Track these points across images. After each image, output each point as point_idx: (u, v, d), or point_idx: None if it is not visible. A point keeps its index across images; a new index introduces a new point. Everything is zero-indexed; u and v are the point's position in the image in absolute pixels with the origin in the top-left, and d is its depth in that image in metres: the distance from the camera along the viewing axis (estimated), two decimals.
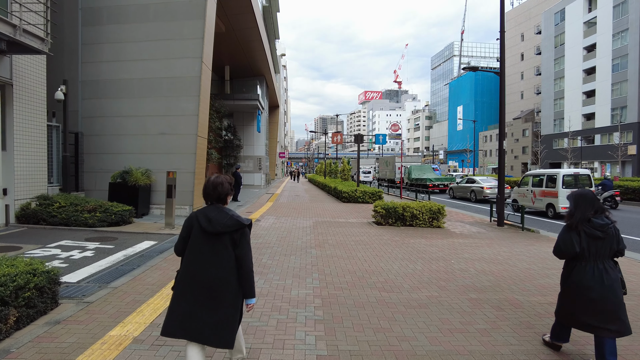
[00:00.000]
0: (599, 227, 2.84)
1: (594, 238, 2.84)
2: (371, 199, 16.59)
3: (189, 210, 10.66)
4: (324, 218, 11.33)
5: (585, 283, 2.84)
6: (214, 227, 2.34)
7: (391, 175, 32.45)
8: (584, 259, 2.88)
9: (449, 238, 8.52)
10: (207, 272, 2.34)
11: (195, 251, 2.38)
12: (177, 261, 5.10)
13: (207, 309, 2.31)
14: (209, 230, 2.35)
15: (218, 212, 2.40)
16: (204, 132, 11.07)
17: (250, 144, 31.52)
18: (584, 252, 2.86)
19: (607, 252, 2.87)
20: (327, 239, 7.91)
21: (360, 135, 17.76)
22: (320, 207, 14.72)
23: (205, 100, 11.05)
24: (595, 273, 2.84)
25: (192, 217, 2.45)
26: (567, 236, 2.92)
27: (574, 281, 2.92)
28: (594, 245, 2.85)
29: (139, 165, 10.54)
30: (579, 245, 2.86)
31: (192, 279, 2.36)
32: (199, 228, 2.38)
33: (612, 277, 2.84)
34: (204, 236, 2.37)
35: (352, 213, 12.74)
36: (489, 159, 65.57)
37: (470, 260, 6.43)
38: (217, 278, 2.34)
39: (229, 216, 2.39)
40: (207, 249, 2.36)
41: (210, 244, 2.36)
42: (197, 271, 2.36)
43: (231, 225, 2.36)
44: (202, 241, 2.37)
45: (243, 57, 25.69)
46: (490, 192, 18.00)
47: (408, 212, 9.99)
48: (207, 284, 2.33)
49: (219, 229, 2.34)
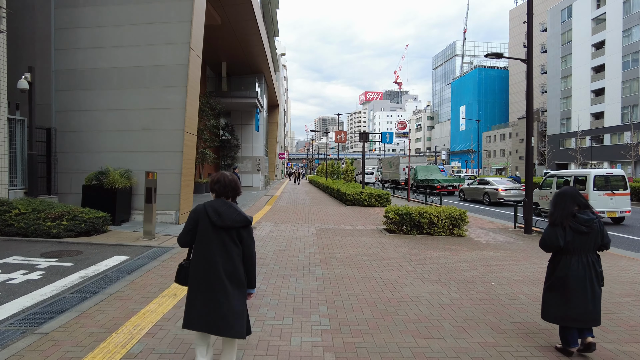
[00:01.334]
0: (584, 222, 2.95)
1: (579, 233, 2.96)
2: (377, 202, 15.33)
3: (174, 217, 9.40)
4: (328, 224, 10.06)
5: (571, 276, 2.97)
6: (224, 221, 2.40)
7: (395, 177, 31.20)
8: (569, 253, 3.01)
9: (476, 250, 7.26)
10: (217, 265, 2.40)
11: (205, 244, 2.43)
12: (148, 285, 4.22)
13: (220, 302, 2.38)
14: (218, 225, 2.40)
15: (228, 207, 2.45)
16: (192, 127, 9.82)
17: (248, 144, 30.28)
18: (568, 245, 2.98)
19: (592, 246, 3.00)
20: (334, 253, 6.64)
21: (366, 133, 16.52)
22: (322, 211, 13.45)
23: (194, 92, 9.80)
24: (580, 266, 2.97)
25: (200, 210, 2.46)
26: (552, 231, 3.04)
27: (560, 274, 3.04)
28: (578, 239, 2.96)
29: (119, 165, 9.28)
30: (563, 239, 2.98)
31: (204, 272, 2.41)
32: (208, 222, 2.42)
33: (598, 270, 3.01)
34: (213, 230, 2.41)
35: (358, 218, 11.47)
36: (493, 160, 64.33)
37: (514, 281, 5.16)
38: (227, 271, 2.41)
39: (238, 212, 2.46)
40: (216, 242, 2.41)
41: (219, 237, 2.41)
42: (208, 265, 2.41)
43: (240, 221, 2.44)
44: (212, 235, 2.41)
45: (241, 53, 24.45)
46: (506, 194, 16.74)
47: (425, 218, 8.72)
48: (219, 277, 2.39)
49: (228, 224, 2.40)
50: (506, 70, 71.24)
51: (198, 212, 2.47)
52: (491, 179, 17.96)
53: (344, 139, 16.51)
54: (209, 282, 2.40)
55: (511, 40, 67.26)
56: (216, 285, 2.39)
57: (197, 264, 2.45)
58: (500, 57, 9.84)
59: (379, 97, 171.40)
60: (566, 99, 47.72)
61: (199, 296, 2.42)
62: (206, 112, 19.05)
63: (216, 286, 2.39)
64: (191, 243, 2.53)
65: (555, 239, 3.01)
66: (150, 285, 4.64)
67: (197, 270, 2.45)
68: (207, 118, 19.11)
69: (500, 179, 18.25)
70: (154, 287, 4.56)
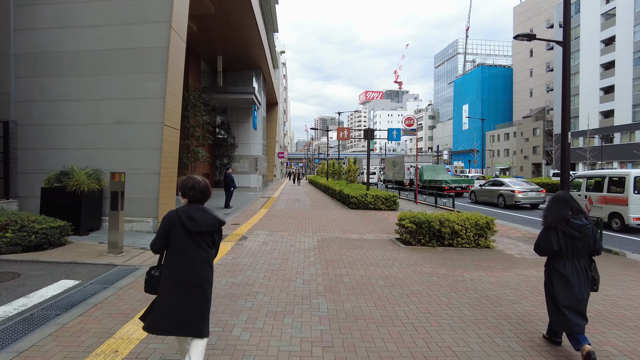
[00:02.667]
0: (576, 227, 2.99)
1: (572, 238, 2.99)
2: (384, 205, 13.98)
3: (152, 225, 8.05)
4: (331, 233, 8.71)
5: (566, 282, 3.00)
6: (199, 226, 2.38)
7: (399, 177, 29.85)
8: (563, 257, 3.05)
9: (514, 268, 5.92)
10: (194, 271, 2.38)
11: (178, 250, 2.40)
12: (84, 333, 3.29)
13: (192, 305, 2.36)
14: (194, 231, 2.38)
15: (201, 212, 2.44)
16: (174, 120, 8.47)
17: (245, 143, 28.94)
18: (562, 250, 3.02)
19: (585, 251, 3.03)
20: (342, 274, 5.29)
21: (371, 129, 15.16)
22: (324, 215, 12.10)
23: (175, 79, 8.46)
24: (573, 272, 3.01)
25: (172, 216, 2.42)
26: (546, 235, 3.08)
27: (555, 280, 3.08)
28: (571, 244, 3.00)
29: (88, 165, 7.94)
30: (557, 243, 3.02)
31: (177, 278, 2.37)
32: (182, 228, 2.39)
33: (590, 275, 3.06)
34: (187, 236, 2.38)
35: (365, 224, 10.12)
36: (497, 159, 62.99)
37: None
38: (200, 276, 2.40)
39: (212, 216, 2.46)
40: (190, 248, 2.39)
41: (193, 243, 2.39)
42: (182, 270, 2.37)
43: (214, 224, 2.45)
44: (185, 240, 2.38)
45: (237, 46, 23.11)
46: (523, 196, 15.39)
47: (447, 227, 7.37)
48: (192, 282, 2.38)
49: (203, 229, 2.40)
50: (510, 68, 69.87)
51: (171, 218, 2.43)
52: (506, 180, 16.60)
53: (347, 136, 15.16)
54: (187, 288, 2.37)
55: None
56: (194, 290, 2.38)
57: (172, 269, 2.40)
58: (532, 39, 8.50)
59: (380, 96, 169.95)
60: (573, 97, 46.26)
61: (174, 301, 2.36)
62: (198, 108, 17.69)
63: (194, 291, 2.38)
64: (164, 249, 2.47)
65: (549, 242, 3.03)
66: (86, 332, 3.30)
67: (172, 275, 2.39)
68: (199, 114, 17.75)
69: (516, 180, 16.90)
70: (91, 337, 3.21)
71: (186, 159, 17.38)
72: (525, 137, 57.01)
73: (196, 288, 2.39)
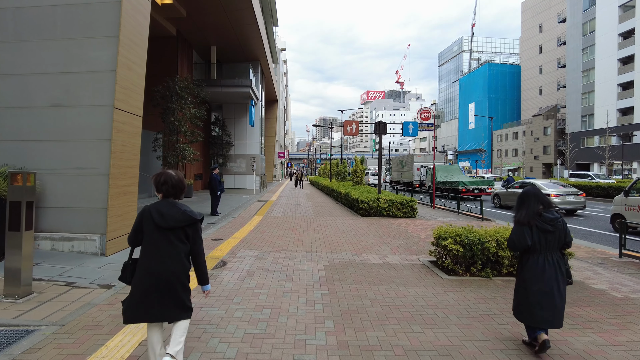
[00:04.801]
0: (549, 221, 3.01)
1: (544, 231, 3.01)
2: (400, 212, 11.82)
3: (99, 244, 5.89)
4: (342, 253, 6.54)
5: (538, 275, 2.99)
6: (167, 222, 2.40)
7: (408, 177, 27.68)
8: (536, 252, 3.04)
9: (635, 321, 3.75)
10: (160, 265, 2.38)
11: (149, 245, 2.41)
12: None
13: (161, 300, 2.36)
14: (162, 225, 2.39)
15: (170, 207, 2.45)
16: (132, 103, 6.32)
17: (242, 141, 26.81)
18: (535, 245, 3.03)
19: (557, 244, 3.05)
20: (371, 347, 3.12)
21: (383, 123, 13.01)
22: (330, 225, 9.94)
23: (133, 47, 6.32)
24: (547, 266, 3.00)
25: (144, 211, 2.46)
26: (520, 230, 3.06)
27: (527, 275, 3.06)
28: (544, 238, 3.01)
29: (6, 162, 5.81)
30: (531, 238, 3.02)
31: (147, 272, 2.38)
32: (151, 223, 2.41)
33: (563, 269, 3.05)
34: (157, 231, 2.40)
35: (383, 238, 7.95)
36: (505, 160, 60.75)
37: None
38: (169, 271, 2.38)
39: (181, 211, 2.45)
40: (161, 243, 2.40)
41: (164, 238, 2.40)
42: (151, 265, 2.39)
43: (183, 220, 2.43)
44: (156, 236, 2.40)
45: (232, 34, 20.98)
46: (560, 200, 13.19)
47: (508, 250, 5.22)
48: (161, 277, 2.37)
49: (171, 224, 2.40)
50: (518, 65, 67.64)
51: (143, 213, 2.46)
52: (538, 182, 14.38)
53: (355, 131, 12.99)
54: (157, 283, 2.37)
55: (523, 34, 63.64)
56: (163, 285, 2.37)
57: (143, 264, 2.40)
58: None
59: (381, 96, 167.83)
60: (588, 94, 44.12)
61: (137, 295, 2.37)
62: (185, 99, 15.56)
63: (163, 286, 2.37)
64: (138, 243, 2.49)
65: (523, 238, 3.02)
66: None
67: (143, 270, 2.40)
68: (186, 107, 15.61)
69: (549, 182, 14.69)
70: None
71: (171, 158, 15.24)
72: (536, 136, 54.77)
73: (165, 283, 2.37)
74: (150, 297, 2.36)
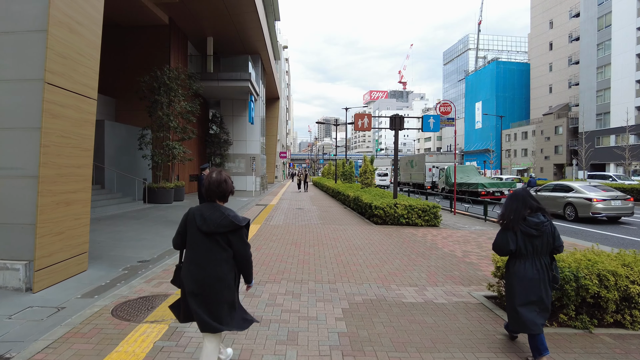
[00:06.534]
0: (533, 225, 2.93)
1: (529, 236, 2.93)
2: (421, 220, 10.10)
3: (23, 274, 4.19)
4: (364, 285, 4.81)
5: (525, 280, 2.92)
6: (208, 226, 2.31)
7: (418, 179, 25.92)
8: (522, 256, 2.97)
9: None
10: (203, 270, 2.31)
11: (192, 248, 2.36)
12: None
13: (206, 304, 2.30)
14: (203, 229, 2.32)
15: (214, 211, 2.35)
16: (77, 77, 4.63)
17: (241, 139, 25.15)
18: (520, 249, 2.95)
19: (545, 249, 2.96)
20: None
21: (399, 116, 11.28)
22: (342, 236, 8.22)
23: (76, 1, 4.60)
24: (533, 270, 2.92)
25: (189, 212, 2.39)
26: (504, 235, 3.01)
27: (513, 279, 3.00)
28: (530, 242, 2.93)
29: None
30: (515, 243, 2.95)
31: (191, 276, 2.33)
32: (194, 225, 2.34)
33: (551, 274, 2.97)
34: (199, 234, 2.33)
35: (413, 259, 6.22)
36: (514, 160, 58.85)
37: None
38: (211, 276, 2.31)
39: (224, 216, 2.33)
40: (203, 247, 2.33)
41: (206, 242, 2.33)
42: (195, 269, 2.33)
43: (226, 225, 2.32)
44: (199, 239, 2.34)
45: (230, 24, 19.32)
46: (604, 206, 11.43)
47: (613, 289, 3.51)
48: (204, 282, 2.31)
49: (212, 229, 2.31)
50: (527, 63, 65.72)
51: (188, 215, 2.40)
52: (576, 185, 12.61)
53: (368, 126, 11.28)
54: (199, 287, 2.31)
55: (532, 31, 61.78)
56: (203, 289, 2.31)
57: (186, 268, 2.37)
58: None
59: (384, 96, 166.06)
60: (603, 91, 42.21)
61: (188, 299, 2.34)
62: (175, 91, 13.87)
63: (203, 291, 2.31)
64: (183, 245, 2.43)
65: (506, 242, 2.97)
66: None
67: (186, 274, 2.36)
68: (176, 99, 13.93)
69: (588, 185, 12.92)
70: None
71: (158, 157, 13.55)
72: (546, 135, 52.83)
73: (209, 288, 2.30)
74: (192, 304, 2.30)
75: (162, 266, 5.44)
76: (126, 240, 7.38)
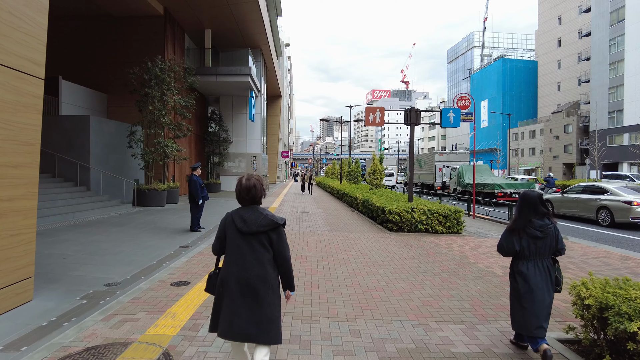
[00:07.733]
0: (538, 227, 2.93)
1: (534, 237, 2.94)
2: (442, 226, 8.91)
3: None
4: (393, 323, 3.63)
5: (528, 282, 2.92)
6: (249, 227, 2.32)
7: (427, 179, 24.70)
8: (525, 258, 2.98)
9: None
10: (246, 271, 2.29)
11: (233, 251, 2.34)
12: None
13: (250, 308, 2.25)
14: (244, 231, 2.32)
15: (252, 212, 2.37)
16: (11, 47, 3.46)
17: (241, 138, 24.02)
18: (524, 250, 2.96)
19: (547, 251, 2.97)
20: None
21: (415, 110, 10.12)
22: (355, 248, 7.05)
23: None
24: (536, 272, 2.93)
25: (227, 217, 2.40)
26: (509, 236, 3.03)
27: (518, 281, 2.99)
28: (534, 244, 2.94)
29: None
30: (519, 244, 2.96)
31: (233, 279, 2.29)
32: (234, 229, 2.35)
33: (553, 276, 2.98)
34: (240, 236, 2.33)
35: (446, 280, 5.04)
36: (522, 159, 57.48)
37: None
38: (256, 276, 2.28)
39: (263, 215, 2.35)
40: (245, 249, 2.32)
41: (248, 243, 2.32)
42: (237, 271, 2.30)
43: (266, 224, 2.33)
44: (239, 241, 2.33)
45: (229, 14, 18.15)
46: None
47: None
48: (248, 283, 2.27)
49: (254, 229, 2.31)
50: (534, 61, 64.30)
51: (226, 219, 2.41)
52: (611, 187, 11.37)
53: (380, 120, 10.09)
54: (240, 289, 2.27)
55: (540, 27, 60.39)
56: (246, 290, 2.26)
57: (228, 270, 2.32)
58: None
59: (387, 95, 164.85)
60: (616, 88, 40.82)
61: (226, 303, 2.27)
62: (168, 84, 12.73)
63: (246, 291, 2.27)
64: (222, 251, 2.42)
65: (512, 243, 2.99)
66: None
67: (228, 277, 2.30)
68: (169, 93, 12.79)
69: (625, 187, 11.69)
70: None
71: (149, 156, 12.40)
72: (555, 134, 51.42)
73: (248, 288, 2.25)
74: (236, 308, 2.23)
75: (132, 292, 4.28)
76: (100, 253, 6.23)
